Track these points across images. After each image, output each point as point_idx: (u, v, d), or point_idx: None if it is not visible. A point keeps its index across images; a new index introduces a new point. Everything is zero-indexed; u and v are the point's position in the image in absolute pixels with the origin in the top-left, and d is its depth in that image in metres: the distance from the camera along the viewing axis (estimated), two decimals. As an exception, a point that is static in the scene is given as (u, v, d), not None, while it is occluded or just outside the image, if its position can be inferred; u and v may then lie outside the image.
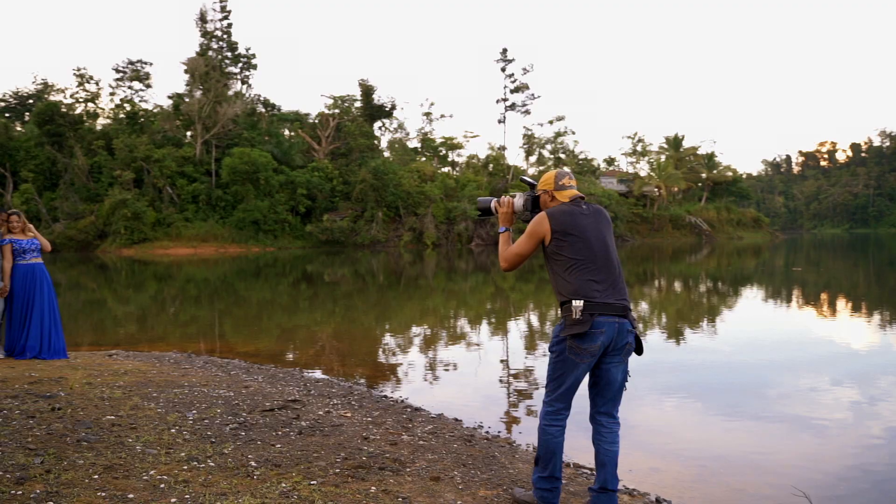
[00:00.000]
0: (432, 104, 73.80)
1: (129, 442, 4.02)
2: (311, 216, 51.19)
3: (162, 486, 3.34)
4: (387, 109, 60.86)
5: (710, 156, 72.33)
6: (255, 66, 57.81)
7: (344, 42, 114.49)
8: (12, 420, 4.30)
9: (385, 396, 6.04)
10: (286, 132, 58.76)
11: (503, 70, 61.12)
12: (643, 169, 71.74)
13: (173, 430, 4.37)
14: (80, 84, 54.21)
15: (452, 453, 4.39)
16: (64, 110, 51.00)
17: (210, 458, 3.82)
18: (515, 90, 60.98)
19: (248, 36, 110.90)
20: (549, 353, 3.44)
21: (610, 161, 77.28)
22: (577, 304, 3.24)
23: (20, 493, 3.10)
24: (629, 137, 76.02)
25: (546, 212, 3.44)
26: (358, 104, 60.15)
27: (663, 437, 5.46)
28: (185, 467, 3.65)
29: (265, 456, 3.96)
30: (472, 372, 8.18)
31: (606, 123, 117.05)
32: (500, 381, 7.73)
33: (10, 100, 62.49)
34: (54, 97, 54.84)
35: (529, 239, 3.44)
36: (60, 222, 46.26)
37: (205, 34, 54.60)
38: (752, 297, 17.39)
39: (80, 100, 54.60)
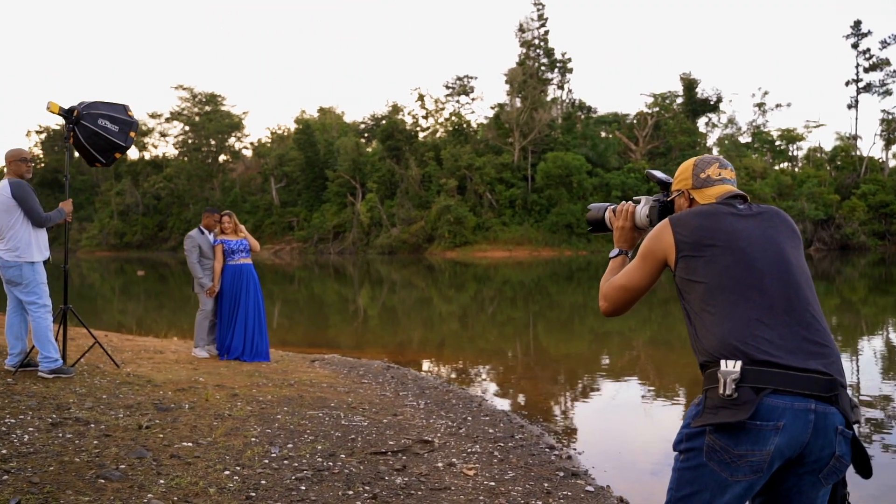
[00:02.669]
0: (766, 93, 65.20)
1: (151, 487, 3.27)
2: (625, 219, 49.25)
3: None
4: (711, 103, 56.02)
5: None
6: (570, 70, 57.63)
7: (664, 36, 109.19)
8: (81, 437, 3.89)
9: (550, 448, 4.52)
10: (603, 134, 57.48)
11: (854, 46, 51.66)
12: None
13: (226, 473, 3.55)
14: (419, 101, 59.85)
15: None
16: (406, 127, 56.90)
17: (206, 528, 2.88)
18: (871, 68, 51.08)
19: (565, 41, 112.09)
20: (675, 454, 1.80)
21: None
22: (729, 368, 1.64)
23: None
24: None
25: (670, 217, 1.88)
26: (679, 100, 56.40)
27: None
28: (157, 539, 2.75)
29: (283, 533, 2.89)
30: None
31: None
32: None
33: (368, 121, 72.55)
34: (399, 116, 61.47)
35: (643, 263, 1.91)
36: (397, 227, 51.35)
37: (524, 44, 56.08)
38: None
39: (417, 116, 60.37)
